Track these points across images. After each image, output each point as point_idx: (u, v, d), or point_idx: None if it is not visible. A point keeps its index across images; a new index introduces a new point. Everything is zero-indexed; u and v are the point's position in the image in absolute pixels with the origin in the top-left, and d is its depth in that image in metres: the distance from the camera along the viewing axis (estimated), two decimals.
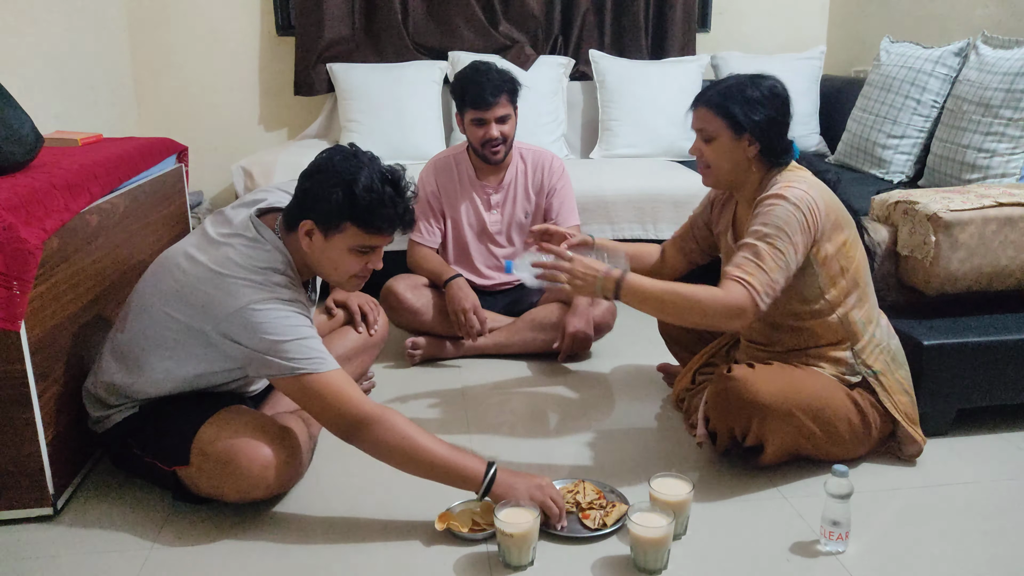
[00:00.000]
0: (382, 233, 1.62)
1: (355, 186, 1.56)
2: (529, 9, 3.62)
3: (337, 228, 1.60)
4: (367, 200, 1.56)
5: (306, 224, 1.62)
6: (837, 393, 1.78)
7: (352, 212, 1.58)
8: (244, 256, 1.62)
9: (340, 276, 1.68)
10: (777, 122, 1.77)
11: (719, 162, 1.81)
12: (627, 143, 3.51)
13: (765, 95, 1.75)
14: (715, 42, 3.89)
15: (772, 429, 1.73)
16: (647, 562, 1.51)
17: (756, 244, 1.68)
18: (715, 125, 1.78)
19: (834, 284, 1.77)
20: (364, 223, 1.59)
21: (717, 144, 1.80)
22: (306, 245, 1.64)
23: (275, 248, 1.66)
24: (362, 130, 3.36)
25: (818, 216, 1.70)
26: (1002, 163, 2.53)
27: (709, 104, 1.78)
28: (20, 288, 1.56)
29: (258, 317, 1.56)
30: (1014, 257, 2.01)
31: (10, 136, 1.76)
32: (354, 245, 1.62)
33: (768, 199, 1.71)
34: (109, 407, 1.75)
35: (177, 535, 1.66)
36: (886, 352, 1.84)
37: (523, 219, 2.61)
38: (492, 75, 2.40)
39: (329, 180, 1.58)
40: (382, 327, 2.24)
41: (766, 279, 1.67)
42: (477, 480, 1.59)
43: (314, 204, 1.60)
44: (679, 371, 2.31)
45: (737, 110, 1.75)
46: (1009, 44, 2.63)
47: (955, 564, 1.55)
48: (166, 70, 3.60)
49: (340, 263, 1.65)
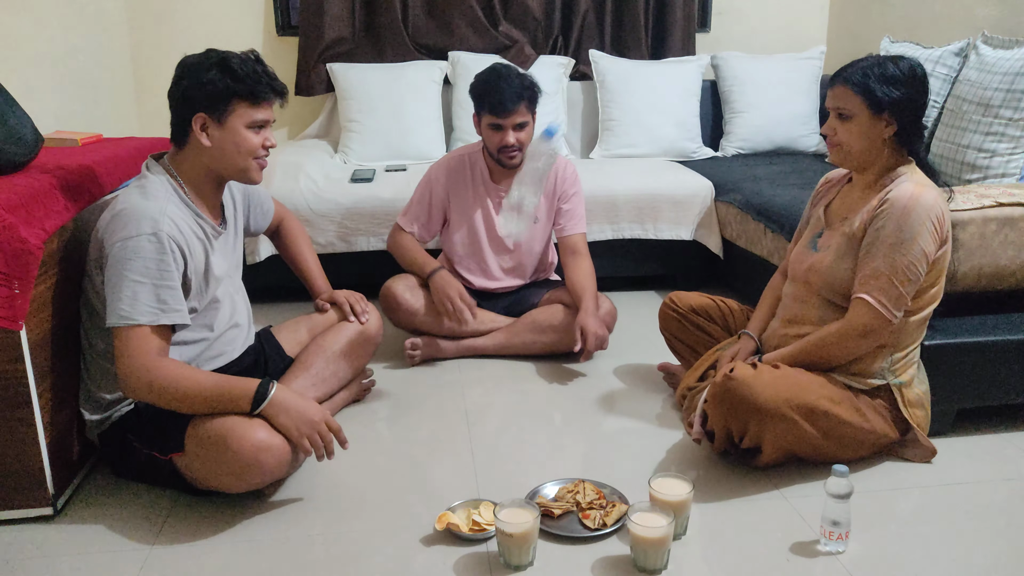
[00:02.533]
0: (268, 101, 1.73)
1: (229, 63, 1.68)
2: (529, 9, 3.62)
3: (227, 110, 1.69)
4: (244, 71, 1.68)
5: (198, 118, 1.70)
6: (840, 399, 1.78)
7: (237, 88, 1.68)
8: (130, 194, 1.69)
9: (243, 158, 1.74)
10: (916, 103, 1.73)
11: (852, 141, 1.77)
12: (627, 143, 3.51)
13: (905, 74, 1.72)
14: (715, 42, 3.88)
15: (769, 432, 1.73)
16: (647, 562, 1.51)
17: (887, 255, 1.69)
18: (853, 103, 1.74)
19: (926, 292, 1.77)
20: (250, 94, 1.69)
21: (854, 123, 1.76)
22: (204, 140, 1.71)
23: (160, 180, 1.72)
24: (362, 130, 3.36)
25: (946, 225, 1.71)
26: (1002, 163, 2.53)
27: (848, 81, 1.75)
28: (21, 288, 1.56)
29: (126, 253, 1.62)
30: (1014, 257, 2.01)
31: (10, 136, 1.76)
32: (247, 120, 1.71)
33: (899, 202, 1.69)
34: (106, 407, 1.76)
35: (177, 535, 1.66)
36: (915, 366, 1.85)
37: (532, 223, 2.61)
38: (513, 81, 2.38)
39: (201, 70, 1.68)
40: (374, 317, 2.23)
41: (896, 292, 1.69)
42: (249, 395, 1.63)
43: (197, 96, 1.68)
44: (680, 371, 2.31)
45: (876, 87, 1.71)
46: (1009, 44, 2.63)
47: (955, 564, 1.55)
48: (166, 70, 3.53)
49: (240, 143, 1.72)
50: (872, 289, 1.71)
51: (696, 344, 2.22)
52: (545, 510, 1.66)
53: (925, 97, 1.75)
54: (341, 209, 2.91)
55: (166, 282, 1.64)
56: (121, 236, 1.62)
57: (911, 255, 1.68)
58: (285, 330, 2.16)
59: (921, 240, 1.68)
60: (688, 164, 3.40)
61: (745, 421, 1.73)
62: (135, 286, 1.61)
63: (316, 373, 2.05)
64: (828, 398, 1.76)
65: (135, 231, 1.62)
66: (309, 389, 2.01)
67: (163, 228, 1.64)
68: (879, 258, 1.70)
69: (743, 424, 1.73)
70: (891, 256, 1.69)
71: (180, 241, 1.67)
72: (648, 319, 2.22)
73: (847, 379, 1.81)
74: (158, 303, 1.63)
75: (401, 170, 3.23)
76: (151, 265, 1.62)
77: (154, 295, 1.62)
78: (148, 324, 1.62)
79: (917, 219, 1.68)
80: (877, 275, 1.70)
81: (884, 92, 1.71)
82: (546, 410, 2.22)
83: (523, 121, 2.41)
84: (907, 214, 1.68)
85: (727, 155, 3.59)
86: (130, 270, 1.61)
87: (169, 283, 1.64)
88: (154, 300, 1.63)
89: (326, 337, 2.13)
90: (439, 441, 2.05)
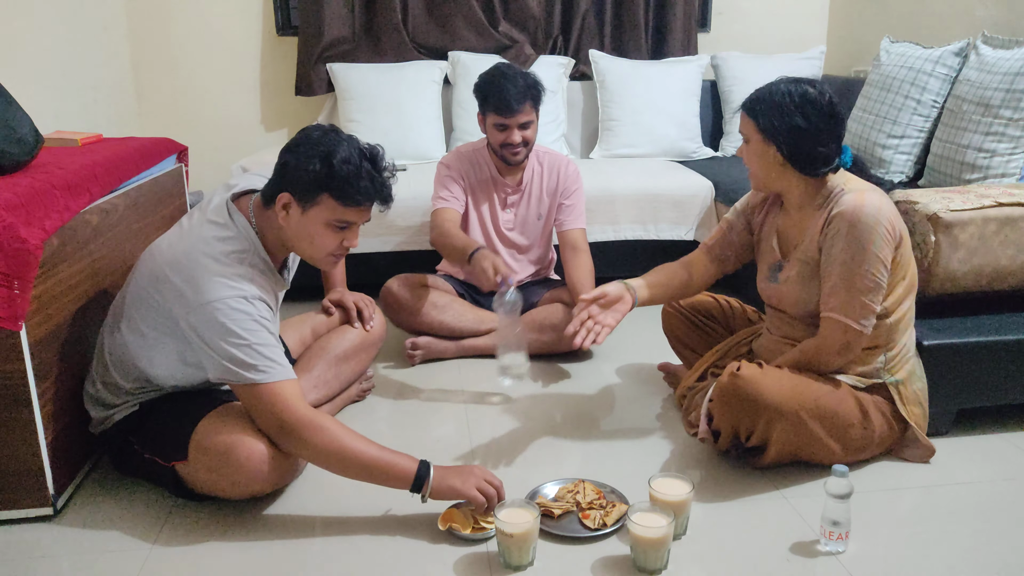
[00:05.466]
0: (359, 206, 1.63)
1: (333, 157, 1.58)
2: (529, 9, 3.62)
3: (314, 200, 1.61)
4: (344, 171, 1.58)
5: (283, 197, 1.63)
6: (846, 398, 1.78)
7: (329, 183, 1.59)
8: (210, 244, 1.64)
9: (316, 252, 1.68)
10: (804, 131, 1.71)
11: (752, 164, 1.82)
12: (627, 143, 3.51)
13: (796, 102, 1.71)
14: (715, 42, 3.88)
15: (776, 430, 1.73)
16: (647, 562, 1.51)
17: (844, 271, 1.69)
18: (748, 128, 1.79)
19: (892, 291, 1.77)
20: (341, 195, 1.60)
21: (750, 147, 1.80)
22: (283, 219, 1.65)
23: (243, 234, 1.67)
24: (362, 130, 3.36)
25: (896, 224, 1.71)
26: (1002, 163, 2.53)
27: (744, 107, 1.79)
28: (21, 288, 1.56)
29: (220, 316, 1.57)
30: (1014, 257, 2.01)
31: (10, 136, 1.76)
32: (331, 219, 1.63)
33: (845, 217, 1.69)
34: (110, 407, 1.76)
35: (177, 535, 1.66)
36: (911, 363, 1.85)
37: (536, 220, 2.62)
38: (517, 81, 2.39)
39: (308, 152, 1.60)
40: (379, 323, 2.24)
41: (859, 303, 1.70)
42: (409, 477, 1.61)
43: (292, 176, 1.61)
44: (680, 370, 2.31)
45: (762, 113, 1.74)
46: (1009, 44, 2.63)
47: (955, 564, 1.55)
48: (166, 70, 3.60)
49: (316, 237, 1.65)
50: (835, 308, 1.72)
51: (699, 344, 2.23)
52: (545, 510, 1.66)
53: (822, 125, 1.71)
54: None
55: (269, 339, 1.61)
56: (205, 299, 1.57)
57: (867, 265, 1.68)
58: (289, 328, 2.16)
59: (874, 247, 1.68)
60: (688, 164, 3.40)
61: (752, 419, 1.73)
62: (258, 347, 1.58)
63: (318, 376, 2.05)
64: (833, 397, 1.76)
65: (222, 293, 1.57)
66: (311, 391, 2.02)
67: (252, 292, 1.61)
68: (836, 275, 1.71)
69: (751, 422, 1.73)
70: (848, 270, 1.70)
71: (267, 300, 1.66)
72: (648, 319, 2.22)
73: (848, 379, 1.81)
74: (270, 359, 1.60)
75: (401, 170, 3.21)
76: (249, 325, 1.58)
77: (262, 353, 1.59)
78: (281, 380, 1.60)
79: (866, 228, 1.68)
80: (837, 292, 1.71)
81: (768, 119, 1.73)
82: (546, 410, 2.22)
83: (528, 120, 2.43)
84: (855, 226, 1.68)
85: (727, 155, 3.59)
86: (231, 333, 1.57)
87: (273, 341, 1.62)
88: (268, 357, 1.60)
89: (329, 340, 2.13)
90: (439, 441, 2.05)
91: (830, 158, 1.74)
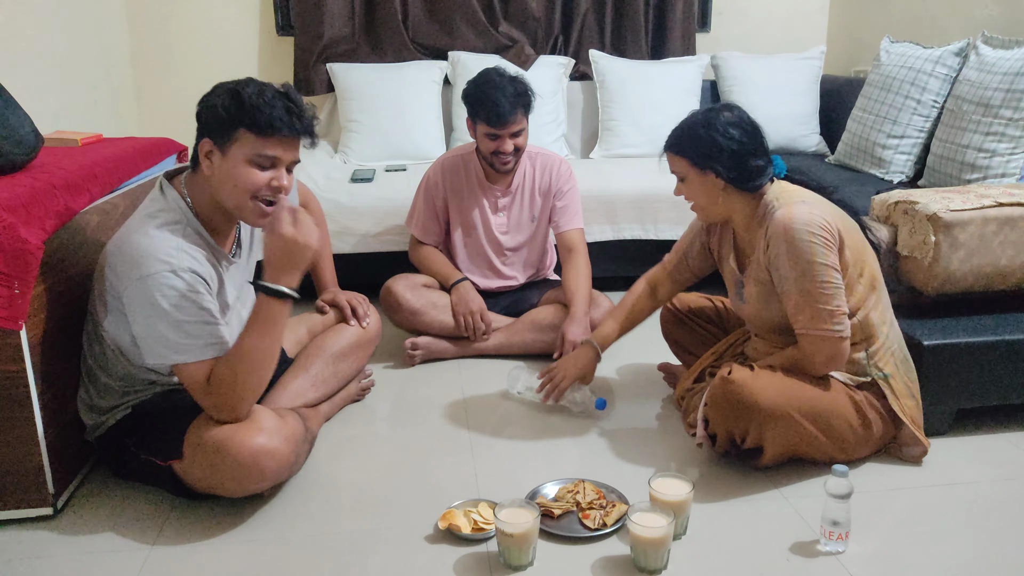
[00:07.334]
0: (277, 134, 1.58)
1: (242, 91, 1.57)
2: (529, 9, 3.62)
3: (231, 138, 1.58)
4: (255, 100, 1.56)
5: (204, 144, 1.62)
6: (839, 396, 1.78)
7: (241, 115, 1.56)
8: (142, 221, 1.63)
9: (241, 195, 1.61)
10: (735, 152, 1.76)
11: (697, 198, 1.86)
12: (627, 143, 3.51)
13: (716, 127, 1.76)
14: (715, 42, 3.89)
15: (771, 432, 1.73)
16: (647, 562, 1.51)
17: (797, 288, 1.71)
18: (680, 165, 1.83)
19: (852, 290, 1.77)
20: (254, 124, 1.56)
21: (689, 183, 1.84)
22: (207, 169, 1.63)
23: (173, 205, 1.65)
24: (362, 130, 3.36)
25: (831, 227, 1.71)
26: (1002, 163, 2.53)
27: (669, 148, 1.84)
28: (21, 288, 1.56)
29: (150, 291, 1.55)
30: (1014, 257, 2.01)
31: (10, 136, 1.76)
32: (251, 154, 1.59)
33: (778, 235, 1.71)
34: (103, 411, 1.76)
35: (177, 535, 1.66)
36: (897, 355, 1.84)
37: (529, 222, 2.61)
38: (507, 90, 2.35)
39: (217, 93, 1.60)
40: (374, 320, 2.24)
41: (826, 312, 1.70)
42: (278, 312, 1.64)
43: (207, 120, 1.60)
44: (680, 371, 2.31)
45: (689, 148, 1.79)
46: (1009, 44, 2.63)
47: (955, 564, 1.55)
48: (166, 70, 3.60)
49: (240, 178, 1.59)
50: (804, 324, 1.73)
51: (696, 345, 2.23)
52: (545, 510, 1.66)
53: (746, 143, 1.76)
54: (341, 209, 2.91)
55: (199, 315, 1.60)
56: (138, 274, 1.56)
57: (818, 276, 1.69)
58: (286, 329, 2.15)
59: (817, 257, 1.68)
60: None
61: (746, 422, 1.73)
62: (163, 325, 1.57)
63: (315, 374, 2.05)
64: (826, 396, 1.76)
65: (152, 268, 1.55)
66: (308, 390, 2.02)
67: (182, 264, 1.58)
68: (795, 294, 1.72)
69: (744, 425, 1.74)
70: (802, 287, 1.71)
71: (201, 272, 1.63)
72: (648, 320, 2.22)
73: (840, 376, 1.81)
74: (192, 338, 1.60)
75: (401, 170, 3.23)
76: (177, 301, 1.57)
77: (183, 330, 1.59)
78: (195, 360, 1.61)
79: (801, 242, 1.69)
80: (802, 310, 1.72)
81: (696, 151, 1.78)
82: (546, 410, 2.22)
83: (519, 129, 2.41)
84: (792, 243, 1.69)
85: None
86: (158, 310, 1.56)
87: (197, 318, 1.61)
88: (190, 335, 1.59)
89: (326, 338, 2.13)
90: (439, 441, 2.05)
91: (764, 168, 1.79)
